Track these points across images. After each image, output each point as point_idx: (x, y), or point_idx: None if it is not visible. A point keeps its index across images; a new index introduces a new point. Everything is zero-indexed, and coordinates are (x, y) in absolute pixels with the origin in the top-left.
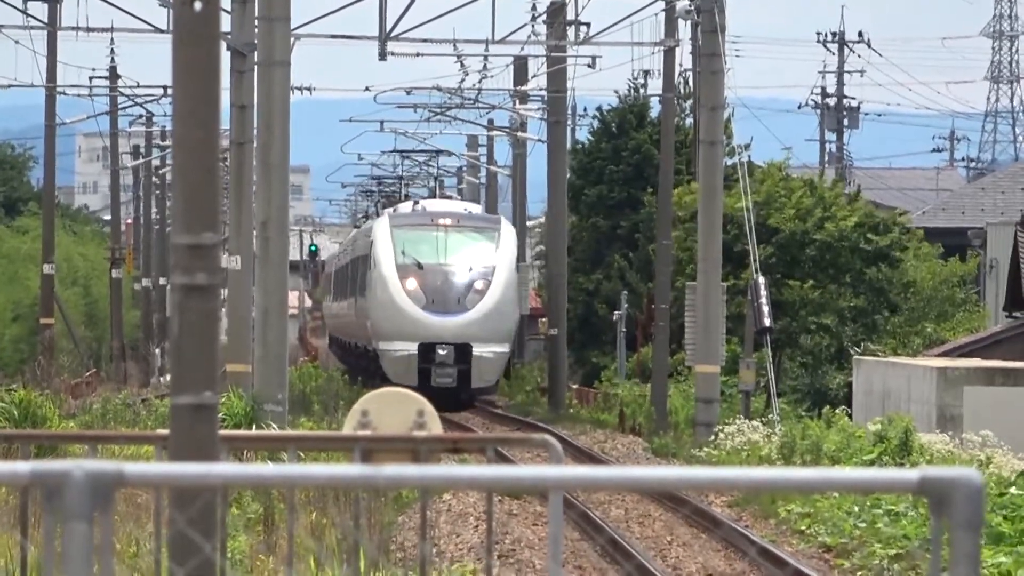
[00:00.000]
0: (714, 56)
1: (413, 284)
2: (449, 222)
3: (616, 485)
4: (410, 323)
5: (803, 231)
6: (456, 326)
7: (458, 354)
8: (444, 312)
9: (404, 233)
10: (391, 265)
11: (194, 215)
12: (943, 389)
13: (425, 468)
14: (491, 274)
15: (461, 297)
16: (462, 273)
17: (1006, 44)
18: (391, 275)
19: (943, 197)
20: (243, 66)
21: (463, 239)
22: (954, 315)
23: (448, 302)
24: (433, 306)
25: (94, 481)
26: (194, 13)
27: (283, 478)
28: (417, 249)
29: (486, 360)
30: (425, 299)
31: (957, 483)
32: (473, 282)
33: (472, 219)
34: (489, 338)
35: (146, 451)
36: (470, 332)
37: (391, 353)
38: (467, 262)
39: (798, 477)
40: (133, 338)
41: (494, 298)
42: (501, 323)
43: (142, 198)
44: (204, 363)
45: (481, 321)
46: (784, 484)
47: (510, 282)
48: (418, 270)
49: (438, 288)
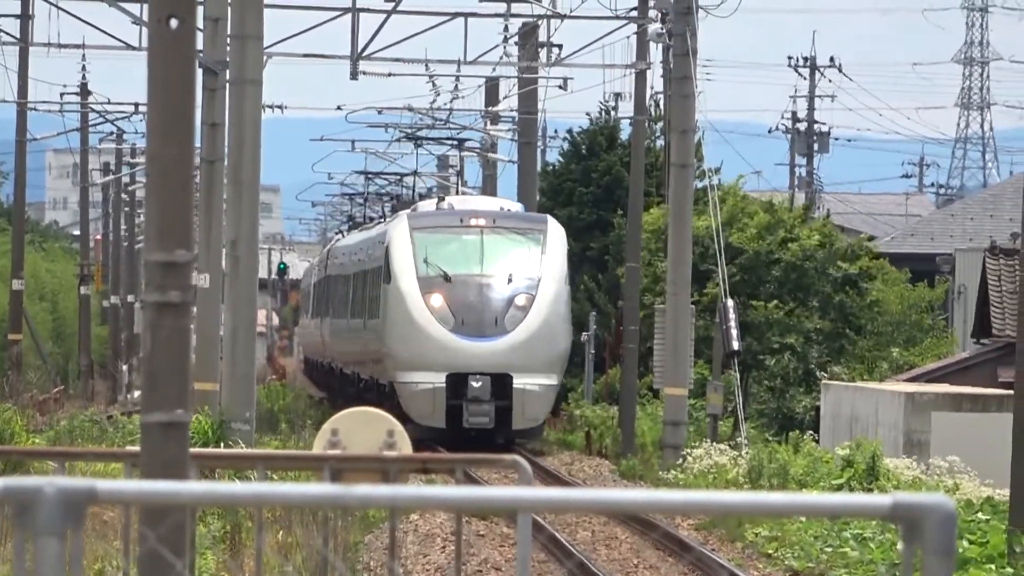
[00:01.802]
0: (685, 79)
1: (439, 301)
2: (483, 222)
3: (587, 507)
4: (436, 349)
5: (767, 251)
6: (493, 352)
7: (496, 387)
8: (478, 335)
9: (427, 237)
10: (411, 277)
11: (167, 233)
12: (911, 414)
13: (395, 488)
14: (536, 287)
15: (499, 316)
16: (500, 286)
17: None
18: (411, 290)
19: (912, 223)
20: (215, 84)
21: (501, 244)
22: (922, 340)
23: (483, 323)
24: (464, 328)
25: (66, 498)
26: (170, 31)
27: (255, 497)
28: (444, 257)
29: (531, 394)
30: (454, 319)
31: (929, 509)
32: (514, 297)
33: (511, 218)
34: (534, 367)
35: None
36: (511, 360)
37: (412, 387)
38: (506, 272)
39: (770, 501)
40: (101, 355)
41: (540, 317)
42: (549, 348)
43: (111, 215)
44: (176, 381)
45: (524, 346)
46: (755, 508)
47: (560, 297)
48: (445, 283)
49: (470, 305)
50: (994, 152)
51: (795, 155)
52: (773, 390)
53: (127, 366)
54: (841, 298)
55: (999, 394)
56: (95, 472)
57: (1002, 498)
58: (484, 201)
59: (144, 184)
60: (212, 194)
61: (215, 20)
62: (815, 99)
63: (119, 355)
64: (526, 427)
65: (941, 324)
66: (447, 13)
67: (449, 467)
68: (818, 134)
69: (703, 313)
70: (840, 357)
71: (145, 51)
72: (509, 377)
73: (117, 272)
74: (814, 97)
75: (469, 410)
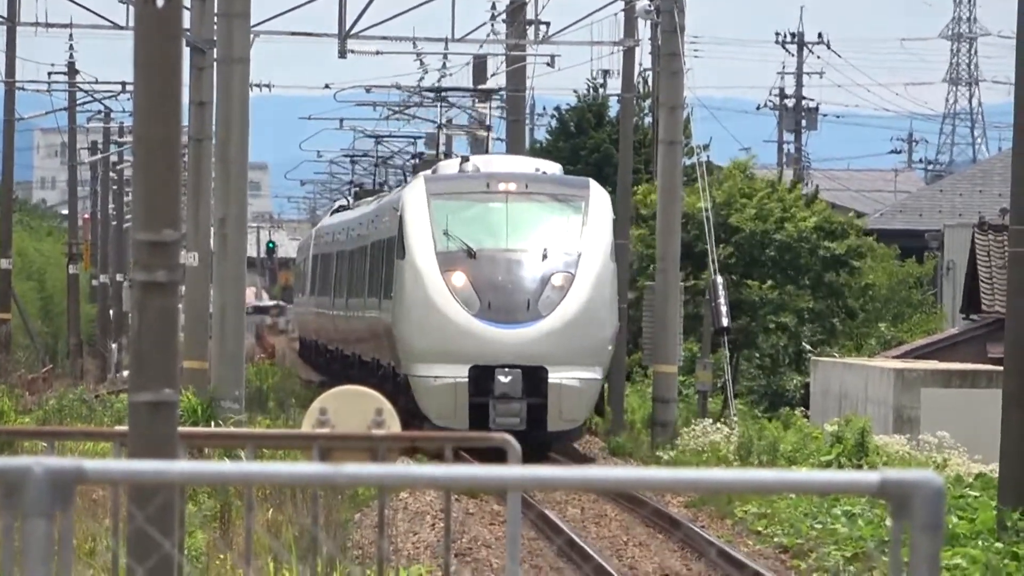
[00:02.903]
0: (673, 56)
1: (461, 280)
2: (513, 187)
3: (576, 485)
4: (457, 337)
5: (763, 231)
6: (525, 341)
7: (528, 382)
8: (507, 321)
9: (448, 204)
10: (429, 252)
11: (155, 212)
12: (900, 391)
13: (384, 467)
14: (576, 264)
15: (532, 299)
16: (534, 263)
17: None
18: (429, 267)
19: (901, 199)
20: (202, 62)
21: (535, 212)
22: (911, 317)
23: (513, 306)
24: (491, 312)
25: (54, 478)
26: (156, 10)
27: (244, 475)
28: (467, 228)
29: (569, 391)
30: (479, 302)
31: (918, 486)
32: (550, 276)
33: (548, 182)
34: (574, 358)
35: (102, 448)
36: (546, 350)
37: (429, 382)
38: (541, 246)
39: (759, 478)
40: (89, 334)
41: (581, 299)
42: (591, 336)
43: (99, 194)
44: (164, 360)
45: (562, 333)
46: (745, 485)
47: (604, 276)
48: (469, 259)
49: (498, 285)
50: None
51: (783, 132)
52: (763, 368)
53: (116, 345)
54: (831, 277)
55: (988, 370)
56: (84, 451)
57: (992, 474)
58: (515, 162)
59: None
60: (200, 173)
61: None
62: (803, 75)
63: (108, 334)
64: (564, 429)
65: (930, 300)
66: None
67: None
68: (806, 110)
69: (698, 296)
70: (831, 337)
71: (132, 30)
72: (544, 370)
73: (106, 251)
74: (802, 74)
75: (496, 409)
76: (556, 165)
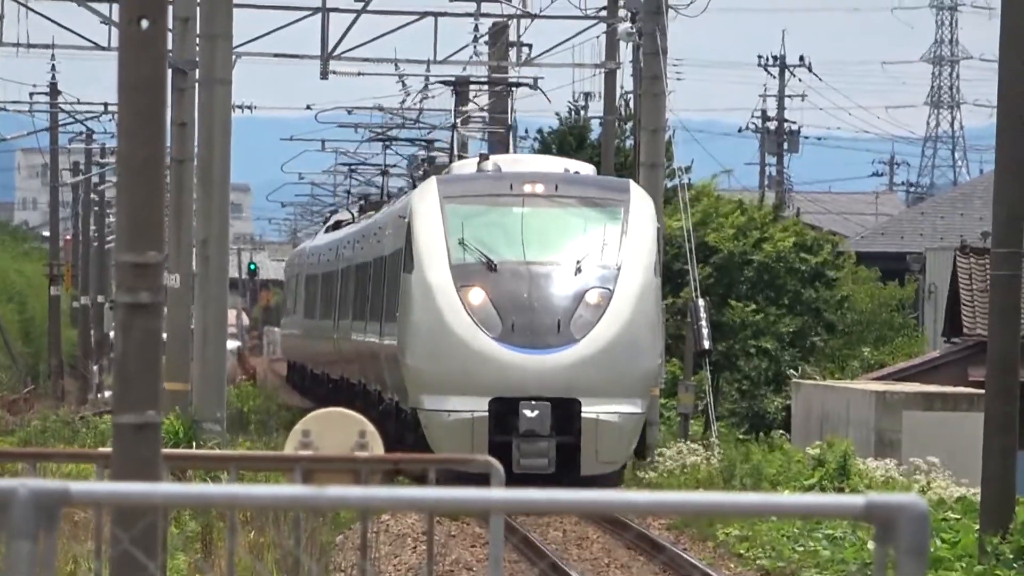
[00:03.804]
0: (655, 78)
1: (480, 297)
2: (541, 189)
3: (559, 509)
4: (475, 365)
5: (741, 251)
6: (555, 369)
7: (559, 417)
8: (534, 345)
9: (465, 209)
10: (442, 265)
11: (138, 233)
12: (882, 413)
13: (368, 489)
14: (615, 279)
15: (563, 320)
16: (565, 278)
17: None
18: (442, 282)
19: (882, 222)
20: (184, 83)
21: (566, 219)
22: (893, 339)
23: (541, 328)
24: (515, 336)
25: (39, 499)
26: (140, 31)
27: (228, 498)
28: (487, 237)
29: (607, 427)
30: (501, 324)
31: (903, 509)
32: (584, 293)
33: (581, 184)
34: (612, 389)
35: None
36: (579, 379)
37: (441, 417)
38: (573, 259)
39: (744, 502)
40: (71, 355)
41: (620, 320)
42: (632, 362)
43: (81, 215)
44: (148, 382)
45: (598, 360)
46: (730, 508)
47: (647, 292)
48: (489, 273)
49: (524, 304)
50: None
51: (765, 154)
52: (743, 391)
53: (97, 366)
54: (810, 293)
55: (970, 393)
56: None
57: (974, 497)
58: (542, 161)
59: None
60: (182, 194)
61: (184, 20)
62: (785, 98)
63: (89, 355)
64: (600, 473)
65: (912, 323)
66: (417, 13)
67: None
68: (788, 133)
69: (676, 316)
70: (811, 355)
71: (115, 51)
72: (577, 403)
73: (87, 272)
74: (784, 96)
75: (521, 449)
76: (589, 166)
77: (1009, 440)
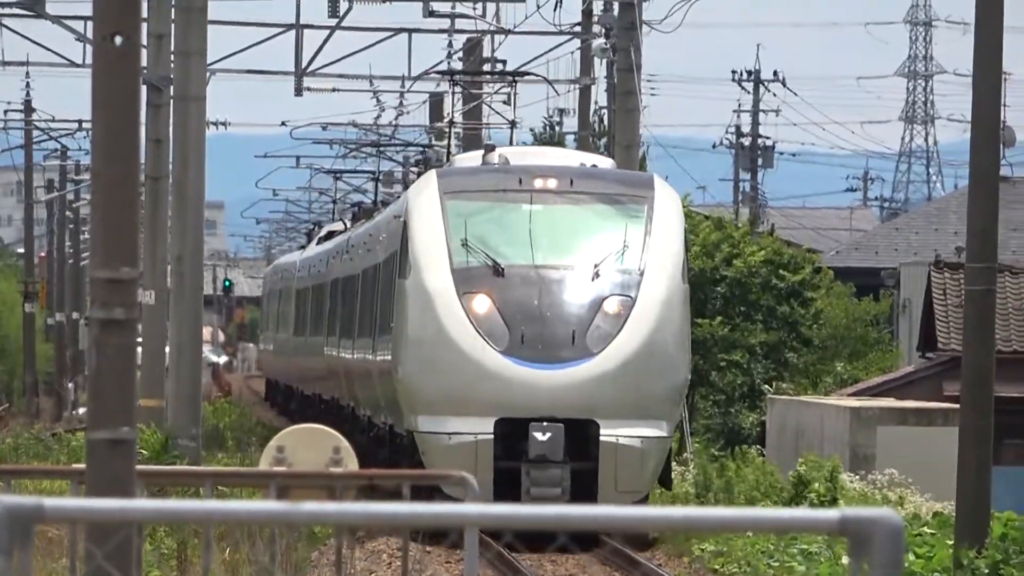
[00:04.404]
0: (629, 94)
1: (485, 305)
2: (555, 185)
3: (535, 524)
4: (480, 381)
5: (712, 268)
6: (570, 386)
7: (574, 441)
8: (546, 360)
9: (468, 207)
10: (442, 269)
11: (113, 249)
12: (856, 429)
13: (343, 505)
14: (637, 286)
15: (579, 331)
16: (581, 284)
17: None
18: (442, 288)
19: (857, 237)
20: (159, 100)
21: (583, 217)
22: (867, 354)
23: (554, 340)
24: (525, 348)
25: (13, 516)
26: (115, 48)
27: (203, 514)
28: (494, 238)
29: (628, 452)
30: (509, 335)
31: (877, 524)
32: (603, 301)
33: (600, 179)
34: (634, 409)
35: (59, 486)
36: (597, 398)
37: (440, 441)
38: (590, 262)
39: (720, 516)
40: (45, 372)
41: (643, 331)
42: (656, 379)
43: (56, 232)
44: (122, 398)
45: (618, 376)
46: (705, 523)
47: (673, 300)
48: (495, 278)
49: (535, 313)
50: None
51: (739, 170)
52: (718, 404)
53: (72, 383)
54: (786, 309)
55: (944, 408)
56: (40, 490)
57: (949, 512)
58: (555, 153)
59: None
60: (157, 211)
61: (159, 37)
62: (759, 113)
63: (64, 372)
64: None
65: (886, 338)
66: (391, 29)
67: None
68: (762, 148)
69: None
70: (785, 370)
71: (90, 68)
72: (594, 425)
73: (62, 289)
74: (758, 111)
75: (531, 477)
76: (608, 159)
77: (984, 454)
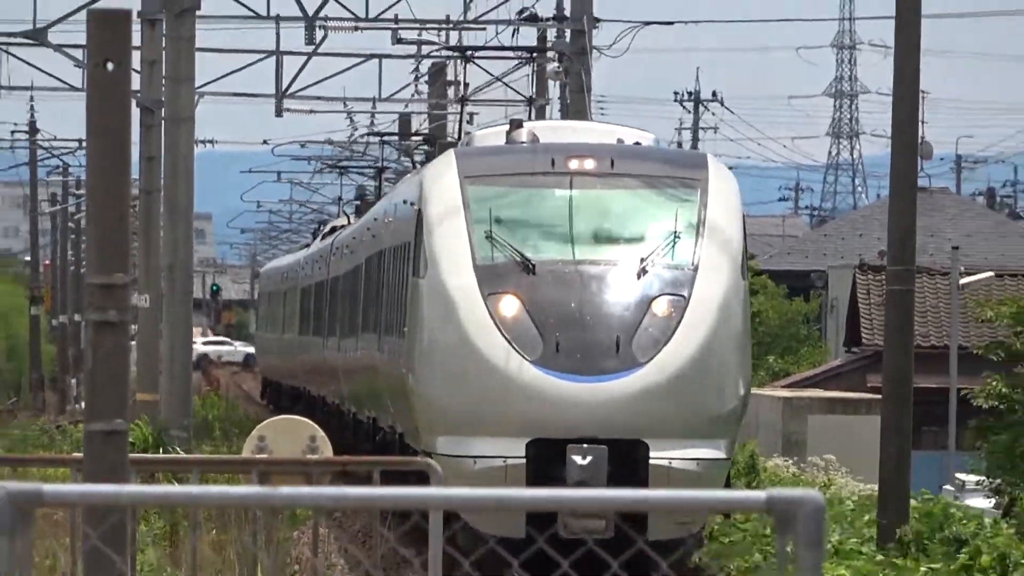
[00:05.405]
0: (580, 114)
1: (514, 307)
2: (593, 166)
3: (493, 503)
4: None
5: None
6: (614, 402)
7: (619, 464)
8: (586, 371)
9: (493, 193)
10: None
11: (106, 258)
12: (789, 417)
13: (318, 489)
14: (690, 284)
15: (624, 337)
16: (625, 282)
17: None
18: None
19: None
20: (151, 121)
21: (626, 204)
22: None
23: (594, 348)
24: (561, 358)
25: (15, 500)
26: (107, 73)
27: (188, 497)
28: (523, 229)
29: (683, 477)
30: (543, 343)
31: (801, 503)
32: (651, 302)
33: (643, 158)
34: (687, 428)
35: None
36: (645, 415)
37: (464, 465)
38: (636, 256)
39: (654, 497)
40: (50, 370)
41: (697, 337)
42: (713, 393)
43: (59, 242)
44: (116, 393)
45: (670, 390)
46: (639, 503)
47: (731, 301)
48: (526, 276)
49: (572, 316)
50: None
51: None
52: None
53: (75, 379)
54: None
55: (868, 398)
56: (47, 477)
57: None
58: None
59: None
60: (150, 222)
61: (151, 63)
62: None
63: (67, 369)
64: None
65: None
66: (363, 55)
67: (367, 469)
68: None
69: None
70: None
71: None
72: (642, 447)
73: (65, 293)
74: (698, 129)
75: None
76: (649, 134)
77: (903, 442)
